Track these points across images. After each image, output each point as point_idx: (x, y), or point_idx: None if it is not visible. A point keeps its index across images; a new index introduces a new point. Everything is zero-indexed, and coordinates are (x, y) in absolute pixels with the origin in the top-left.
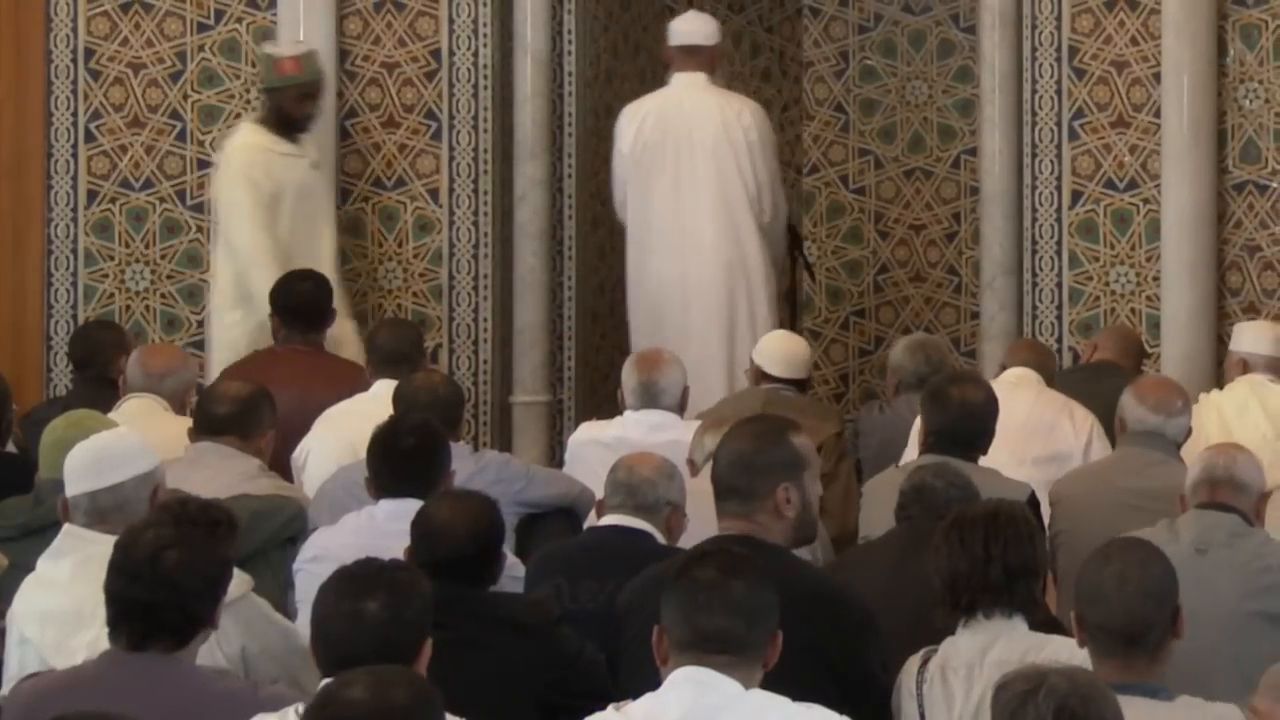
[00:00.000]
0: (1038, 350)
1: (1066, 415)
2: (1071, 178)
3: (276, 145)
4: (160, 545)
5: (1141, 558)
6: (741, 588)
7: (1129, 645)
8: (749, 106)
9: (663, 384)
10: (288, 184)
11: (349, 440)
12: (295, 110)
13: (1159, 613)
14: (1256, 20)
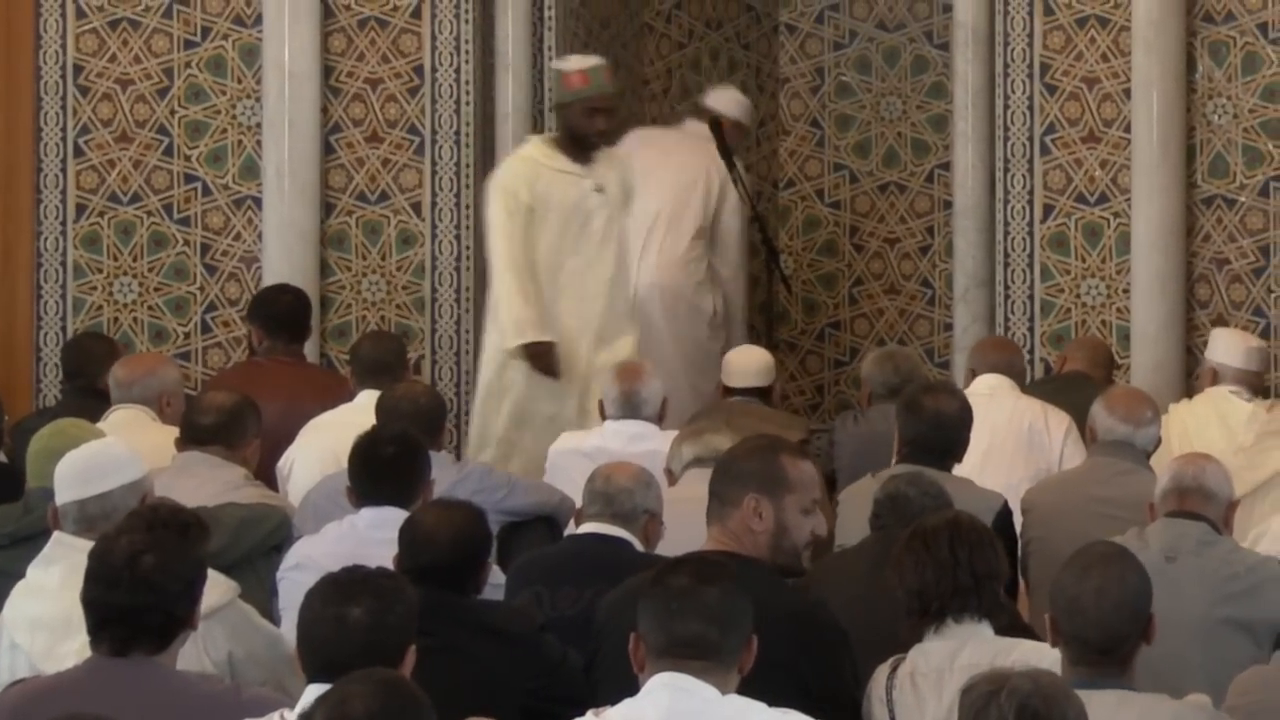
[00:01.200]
0: (1005, 349)
1: (1043, 419)
2: (1043, 192)
3: (553, 161)
4: (136, 550)
5: (1120, 572)
6: (715, 594)
7: (1103, 655)
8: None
9: (644, 394)
10: (555, 201)
11: (332, 450)
12: (582, 125)
13: (1134, 625)
14: (1224, 37)
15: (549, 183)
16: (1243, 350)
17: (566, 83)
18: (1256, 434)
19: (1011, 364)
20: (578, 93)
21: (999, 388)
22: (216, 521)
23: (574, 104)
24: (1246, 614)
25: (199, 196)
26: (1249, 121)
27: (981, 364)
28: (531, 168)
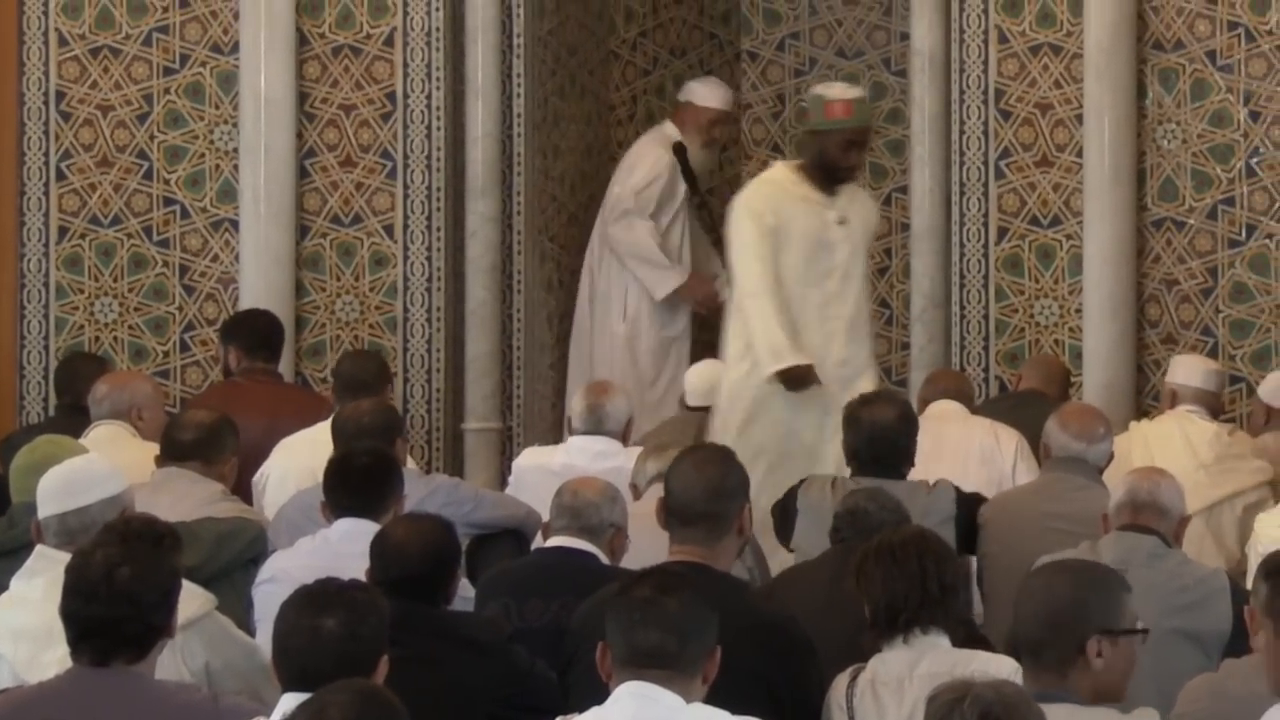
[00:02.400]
0: (953, 377)
1: (993, 437)
2: (998, 215)
3: (799, 188)
4: (112, 563)
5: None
6: (675, 605)
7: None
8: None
9: (608, 409)
10: (796, 229)
11: (306, 466)
12: (839, 158)
13: (1053, 633)
14: (1174, 64)
15: (793, 209)
16: (1201, 372)
17: (828, 111)
18: (1218, 455)
19: (959, 389)
20: (839, 123)
21: (949, 410)
22: (195, 536)
23: (833, 134)
24: (1195, 625)
25: (178, 219)
26: (1198, 146)
27: (931, 393)
28: (778, 192)
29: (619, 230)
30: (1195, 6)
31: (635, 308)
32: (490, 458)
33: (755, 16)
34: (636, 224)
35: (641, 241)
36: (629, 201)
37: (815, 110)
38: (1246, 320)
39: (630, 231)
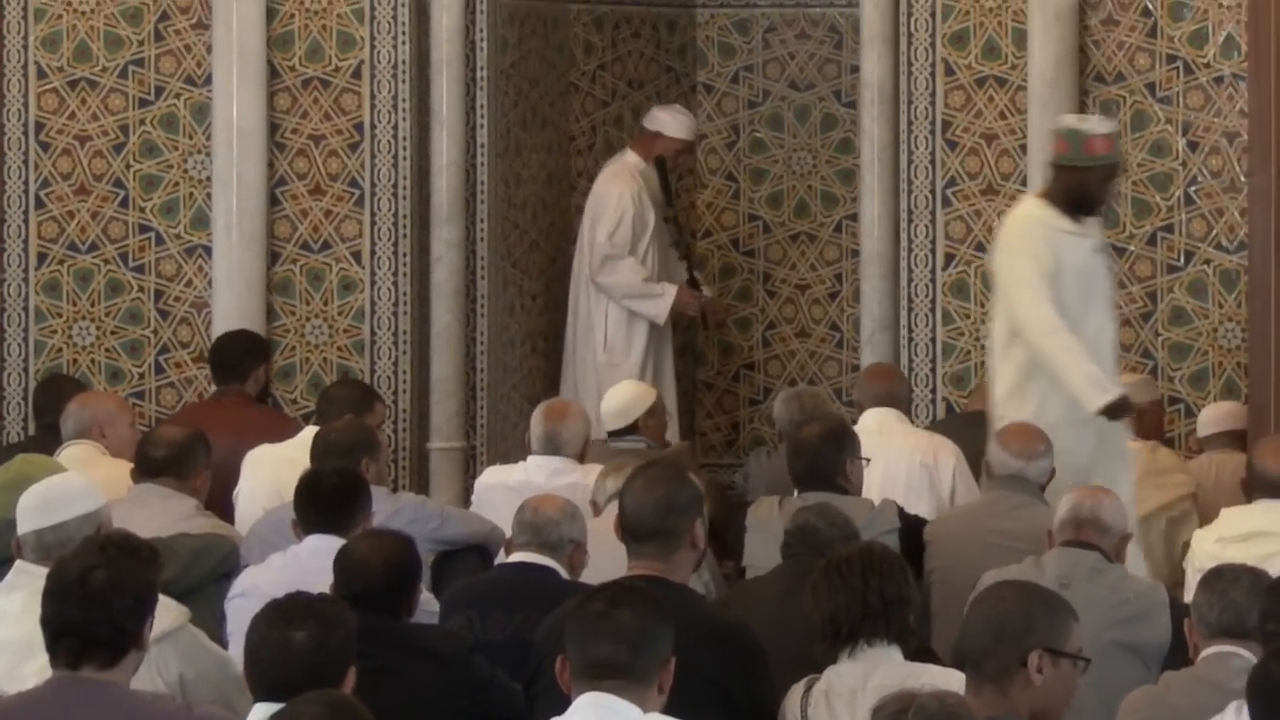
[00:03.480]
0: (883, 378)
1: (933, 454)
2: (945, 241)
3: (1058, 221)
4: (87, 568)
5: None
6: (628, 617)
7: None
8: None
9: (565, 436)
10: (1069, 262)
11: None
12: (1098, 192)
13: (996, 643)
14: (1114, 96)
15: (1061, 244)
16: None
17: (1089, 147)
18: (1143, 472)
19: (892, 393)
20: (1101, 158)
21: (886, 422)
22: (170, 551)
23: (1095, 169)
24: (1135, 638)
25: (153, 245)
26: (1138, 175)
27: (865, 397)
28: (1045, 230)
29: (604, 277)
30: (1135, 40)
31: (614, 337)
32: (455, 476)
33: (710, 50)
34: (619, 266)
35: (628, 281)
36: (607, 248)
37: (1074, 145)
38: (1185, 343)
39: (615, 274)
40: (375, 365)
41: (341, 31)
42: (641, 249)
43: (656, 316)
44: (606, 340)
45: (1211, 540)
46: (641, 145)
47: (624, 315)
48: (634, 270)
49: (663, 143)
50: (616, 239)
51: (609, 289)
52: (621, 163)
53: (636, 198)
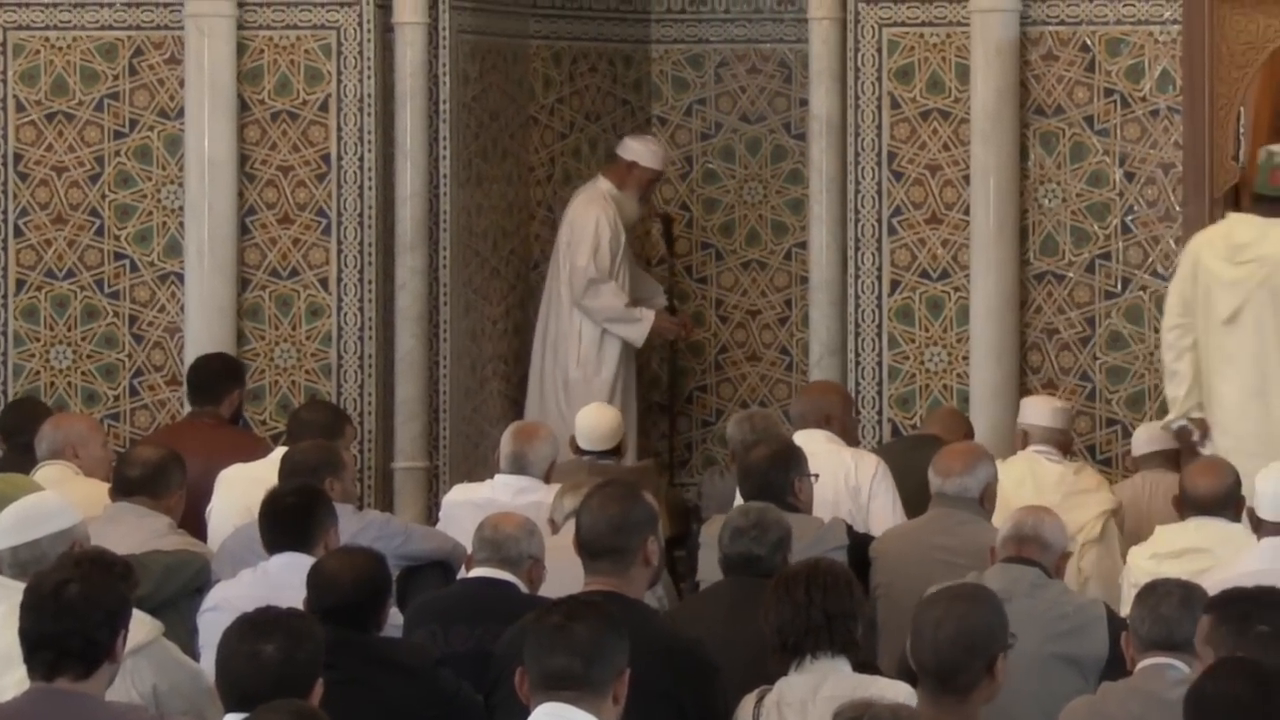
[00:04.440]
0: (810, 394)
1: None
2: (890, 268)
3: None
4: (62, 582)
5: (964, 609)
6: (582, 631)
7: (939, 683)
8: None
9: (532, 457)
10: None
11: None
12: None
13: (969, 658)
14: (1054, 129)
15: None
16: (1047, 411)
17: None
18: (1064, 494)
19: (817, 406)
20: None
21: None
22: (144, 568)
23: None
24: (1074, 651)
25: (127, 273)
26: (1076, 205)
27: (796, 418)
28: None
29: (588, 301)
30: (1074, 75)
31: (587, 353)
32: (418, 494)
33: (664, 84)
34: (602, 290)
35: (610, 305)
36: (590, 271)
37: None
38: (1122, 366)
39: (598, 299)
40: (342, 388)
41: (309, 67)
42: (616, 270)
43: (635, 340)
44: (580, 357)
45: (1146, 556)
46: (615, 173)
47: (597, 334)
48: (616, 295)
49: (638, 172)
50: (598, 261)
51: (591, 312)
52: (595, 189)
53: (612, 221)
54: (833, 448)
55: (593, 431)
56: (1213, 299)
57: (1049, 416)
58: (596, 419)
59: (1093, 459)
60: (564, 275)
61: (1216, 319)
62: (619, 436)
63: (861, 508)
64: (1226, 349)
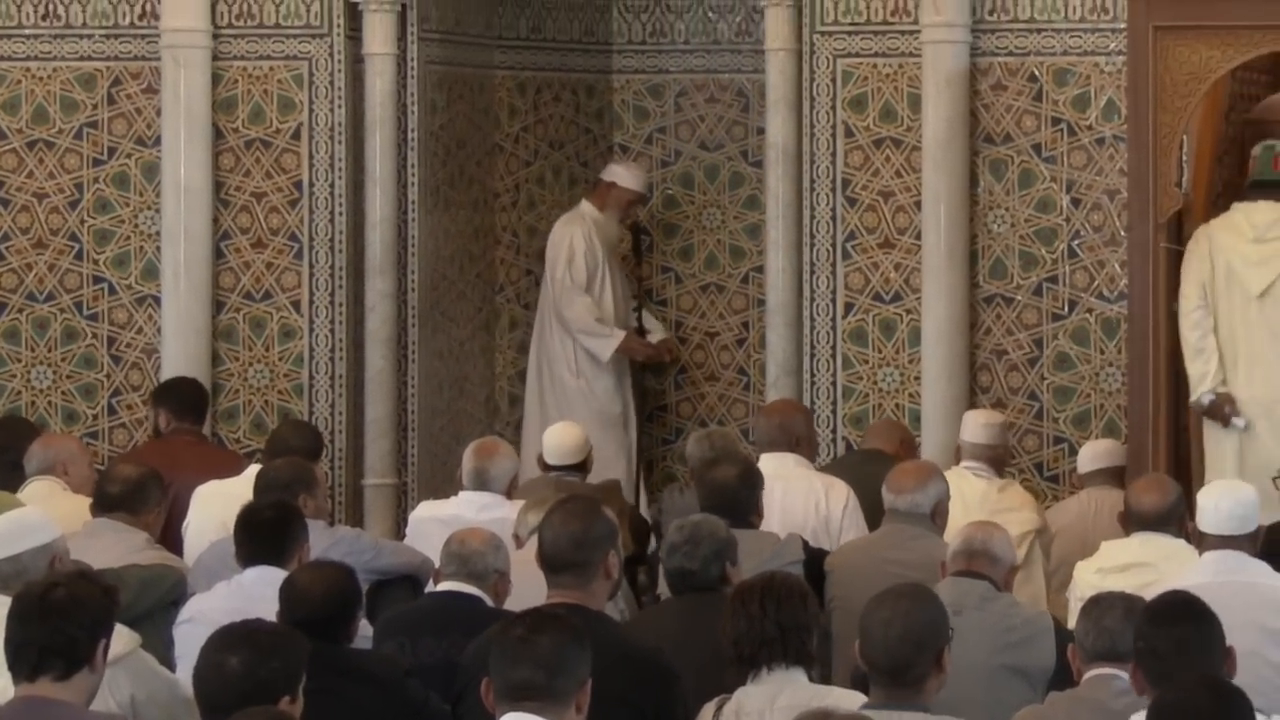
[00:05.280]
0: (772, 414)
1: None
2: (844, 291)
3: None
4: (50, 585)
5: (909, 607)
6: (545, 643)
7: (891, 678)
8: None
9: (493, 473)
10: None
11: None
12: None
13: (918, 654)
14: (1003, 156)
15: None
16: (975, 427)
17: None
18: (990, 511)
19: (784, 429)
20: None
21: (781, 466)
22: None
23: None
24: (1022, 661)
25: (106, 295)
26: (1024, 230)
27: (760, 440)
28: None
29: (563, 309)
30: (1022, 104)
31: (581, 363)
32: (387, 510)
33: (626, 113)
34: (575, 300)
35: (581, 317)
36: (567, 280)
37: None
38: (1069, 386)
39: (571, 308)
40: (313, 407)
41: (282, 96)
42: (596, 287)
43: (601, 355)
44: (576, 367)
45: (1092, 571)
46: (597, 196)
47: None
48: (588, 309)
49: (617, 192)
50: (573, 272)
51: (566, 322)
52: (576, 212)
53: (587, 237)
54: (803, 472)
55: (559, 447)
56: (1241, 278)
57: (977, 432)
58: (562, 435)
59: (1040, 476)
60: (549, 294)
61: (1249, 296)
62: (585, 452)
63: (832, 536)
64: (1271, 322)
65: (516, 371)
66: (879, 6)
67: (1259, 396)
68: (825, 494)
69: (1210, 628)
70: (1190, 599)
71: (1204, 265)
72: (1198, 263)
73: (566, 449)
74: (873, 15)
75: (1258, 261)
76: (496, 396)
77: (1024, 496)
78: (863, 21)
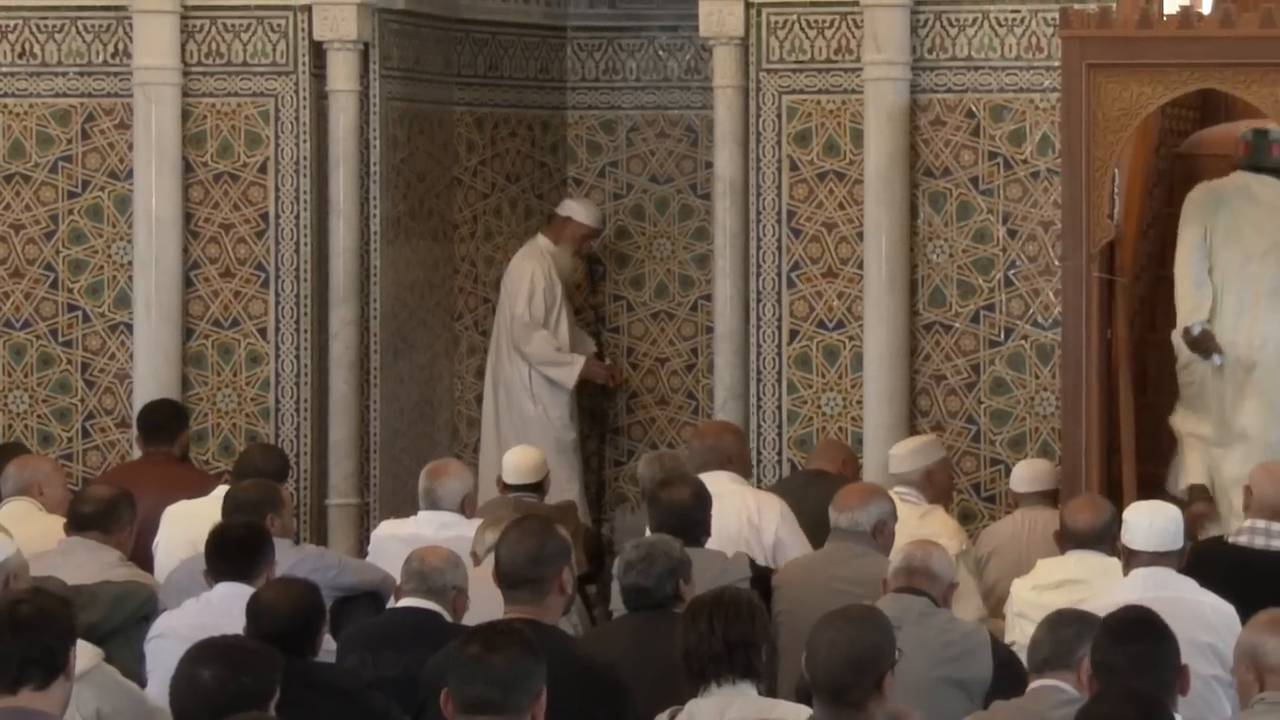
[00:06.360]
0: (706, 435)
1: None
2: (789, 319)
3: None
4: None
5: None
6: (499, 660)
7: (834, 697)
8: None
9: (441, 493)
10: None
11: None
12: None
13: (859, 675)
14: (942, 189)
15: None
16: (899, 455)
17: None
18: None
19: (716, 449)
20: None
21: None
22: (94, 597)
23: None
24: (960, 674)
25: (80, 323)
26: (963, 260)
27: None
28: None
29: (523, 346)
30: (961, 139)
31: (538, 390)
32: (350, 529)
33: (579, 147)
34: (534, 336)
35: (543, 351)
36: (525, 317)
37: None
38: (1005, 410)
39: (530, 344)
40: (279, 430)
41: (249, 131)
42: (553, 319)
43: (566, 382)
44: (533, 395)
45: (1028, 588)
46: (553, 230)
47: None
48: (547, 341)
49: (573, 227)
50: (533, 309)
51: (527, 356)
52: (533, 245)
53: (546, 273)
54: (735, 488)
55: (517, 468)
56: (1243, 236)
57: (891, 463)
58: (521, 457)
59: (978, 496)
60: (505, 324)
61: (1250, 254)
62: (542, 473)
63: (765, 547)
64: (1266, 280)
65: (474, 396)
66: (823, 45)
67: (1239, 345)
68: (758, 508)
69: (1167, 645)
70: (1149, 616)
71: (1207, 214)
72: (1199, 214)
73: (525, 470)
74: (816, 54)
75: (1258, 225)
76: (455, 420)
77: (945, 523)
78: (807, 60)
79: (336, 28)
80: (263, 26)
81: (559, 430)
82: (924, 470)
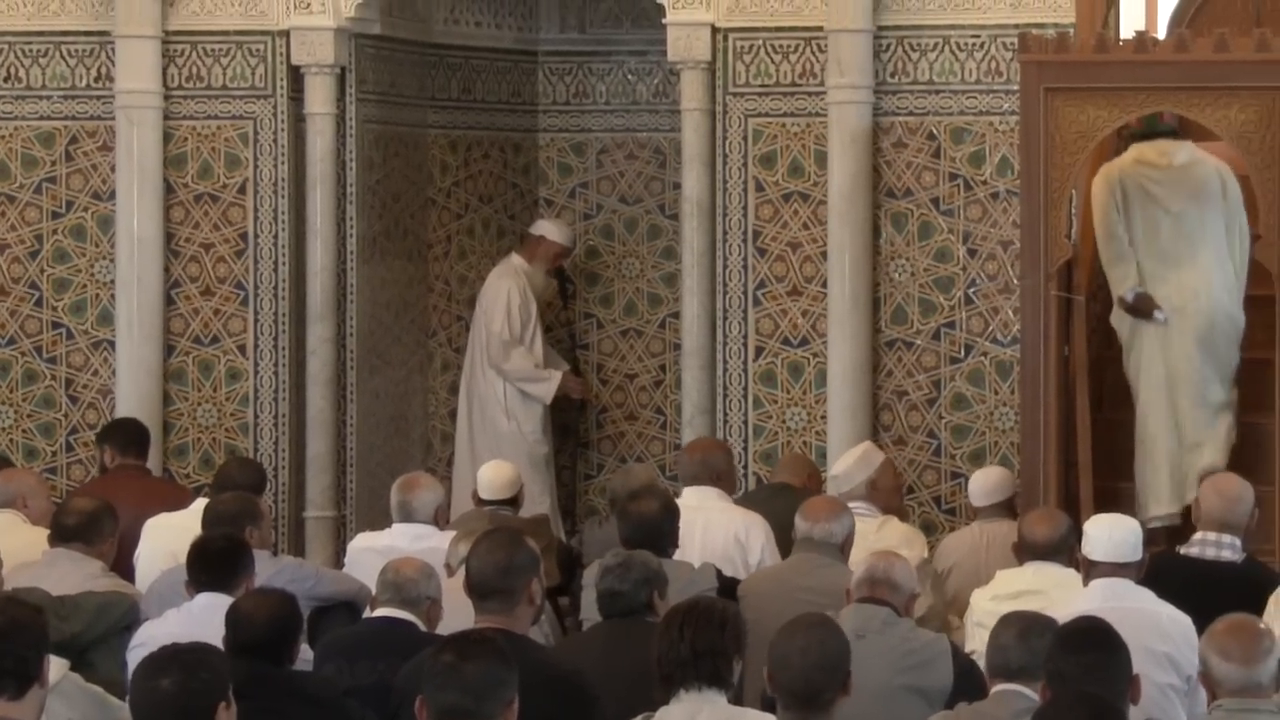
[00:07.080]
0: (695, 450)
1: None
2: (755, 336)
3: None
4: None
5: (821, 636)
6: (471, 669)
7: (805, 703)
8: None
9: (414, 505)
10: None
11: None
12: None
13: (831, 679)
14: (904, 209)
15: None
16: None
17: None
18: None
19: (706, 464)
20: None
21: (705, 500)
22: (78, 607)
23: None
24: (921, 682)
25: (64, 340)
26: (924, 278)
27: (684, 475)
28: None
29: (502, 363)
30: (922, 161)
31: (513, 406)
32: (327, 541)
33: (551, 169)
34: (513, 354)
35: (521, 367)
36: (504, 335)
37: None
38: (965, 425)
39: (510, 361)
40: (258, 444)
41: (229, 153)
42: (528, 336)
43: (544, 397)
44: (507, 410)
45: (987, 598)
46: (527, 249)
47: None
48: (525, 358)
49: (545, 246)
50: (510, 327)
51: (505, 374)
52: (508, 264)
53: (522, 291)
54: (724, 505)
55: (491, 483)
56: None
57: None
58: (496, 472)
59: (938, 509)
60: (481, 341)
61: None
62: (516, 488)
63: (750, 566)
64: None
65: (448, 411)
66: (787, 70)
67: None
68: (746, 529)
69: (1119, 655)
70: (1103, 627)
71: (1115, 191)
72: (1106, 194)
73: (499, 484)
74: (781, 78)
75: (1168, 181)
76: (430, 435)
77: (902, 533)
78: (772, 83)
79: (314, 52)
80: (242, 51)
81: (532, 445)
82: (867, 481)
